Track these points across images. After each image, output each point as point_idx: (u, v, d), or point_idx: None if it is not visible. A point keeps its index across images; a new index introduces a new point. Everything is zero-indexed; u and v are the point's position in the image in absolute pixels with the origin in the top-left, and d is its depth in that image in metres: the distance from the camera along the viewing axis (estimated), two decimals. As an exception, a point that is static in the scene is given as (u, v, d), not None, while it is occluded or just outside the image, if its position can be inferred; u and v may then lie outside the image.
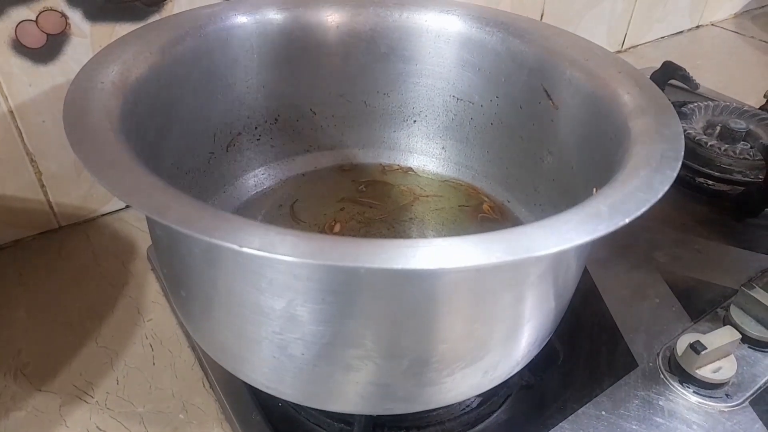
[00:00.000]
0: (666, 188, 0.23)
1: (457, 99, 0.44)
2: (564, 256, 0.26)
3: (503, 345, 0.27)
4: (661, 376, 0.38)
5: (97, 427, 0.35)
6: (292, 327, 0.24)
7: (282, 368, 0.26)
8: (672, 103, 0.59)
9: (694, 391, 0.37)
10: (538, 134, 0.40)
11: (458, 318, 0.24)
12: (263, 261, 0.22)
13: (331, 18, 0.41)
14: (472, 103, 0.43)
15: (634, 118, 0.29)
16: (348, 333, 0.24)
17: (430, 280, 0.23)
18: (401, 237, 0.43)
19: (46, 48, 0.42)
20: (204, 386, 0.38)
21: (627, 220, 0.21)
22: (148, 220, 0.31)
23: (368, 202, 0.45)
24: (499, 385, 0.36)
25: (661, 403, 0.37)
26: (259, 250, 0.19)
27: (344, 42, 0.42)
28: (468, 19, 0.41)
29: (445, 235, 0.43)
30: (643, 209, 0.22)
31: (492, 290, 0.24)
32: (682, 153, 0.25)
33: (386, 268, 0.20)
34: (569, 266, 0.28)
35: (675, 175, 0.24)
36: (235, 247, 0.19)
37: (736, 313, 0.41)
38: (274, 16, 0.40)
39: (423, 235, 0.43)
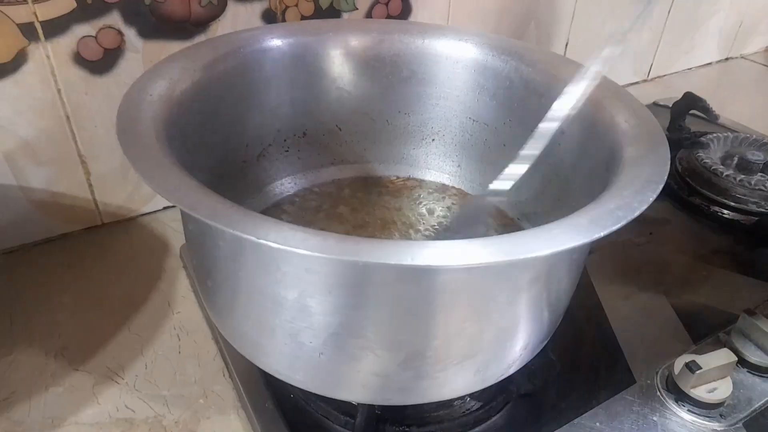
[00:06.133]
0: (644, 208, 0.25)
1: (473, 121, 0.47)
2: (551, 263, 0.28)
3: (493, 346, 0.29)
4: (658, 393, 0.40)
5: (125, 405, 0.39)
6: (302, 316, 0.27)
7: (292, 355, 0.29)
8: (692, 132, 0.61)
9: (688, 410, 0.39)
10: (546, 157, 0.42)
11: (451, 315, 0.27)
12: (278, 254, 0.25)
13: (358, 44, 0.45)
14: (487, 125, 0.46)
15: (627, 144, 0.31)
16: (351, 324, 0.27)
17: (426, 278, 0.26)
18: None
19: (103, 61, 0.47)
20: (224, 376, 0.41)
21: (603, 233, 0.23)
22: (183, 217, 0.34)
23: (383, 212, 0.48)
24: (498, 390, 0.38)
25: (655, 419, 0.38)
26: (273, 242, 0.22)
27: (370, 65, 0.45)
28: (484, 48, 0.44)
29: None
30: (619, 225, 0.24)
31: (483, 291, 0.27)
32: (665, 177, 0.27)
33: (386, 263, 0.22)
34: (560, 277, 0.30)
35: (655, 196, 0.26)
36: (253, 238, 0.22)
37: (737, 338, 0.42)
38: (306, 40, 0.44)
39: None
